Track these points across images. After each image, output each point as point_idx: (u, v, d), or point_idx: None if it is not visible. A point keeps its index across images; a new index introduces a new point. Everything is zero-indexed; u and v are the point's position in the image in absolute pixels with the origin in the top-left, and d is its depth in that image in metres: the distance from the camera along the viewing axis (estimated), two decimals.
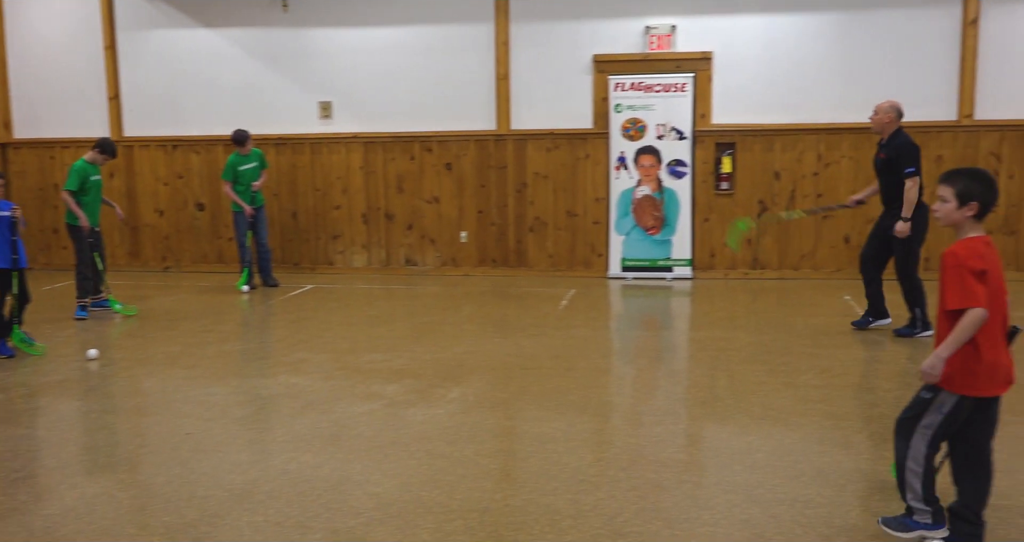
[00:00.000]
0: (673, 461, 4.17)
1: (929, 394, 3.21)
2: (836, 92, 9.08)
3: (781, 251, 9.30)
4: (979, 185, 3.17)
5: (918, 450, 3.21)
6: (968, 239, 3.18)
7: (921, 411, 3.22)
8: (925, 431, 3.19)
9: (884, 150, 6.61)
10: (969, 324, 3.06)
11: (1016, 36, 8.76)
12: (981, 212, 3.17)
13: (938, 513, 3.23)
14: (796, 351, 6.21)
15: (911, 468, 3.23)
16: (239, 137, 9.02)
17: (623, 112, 9.36)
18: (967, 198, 3.16)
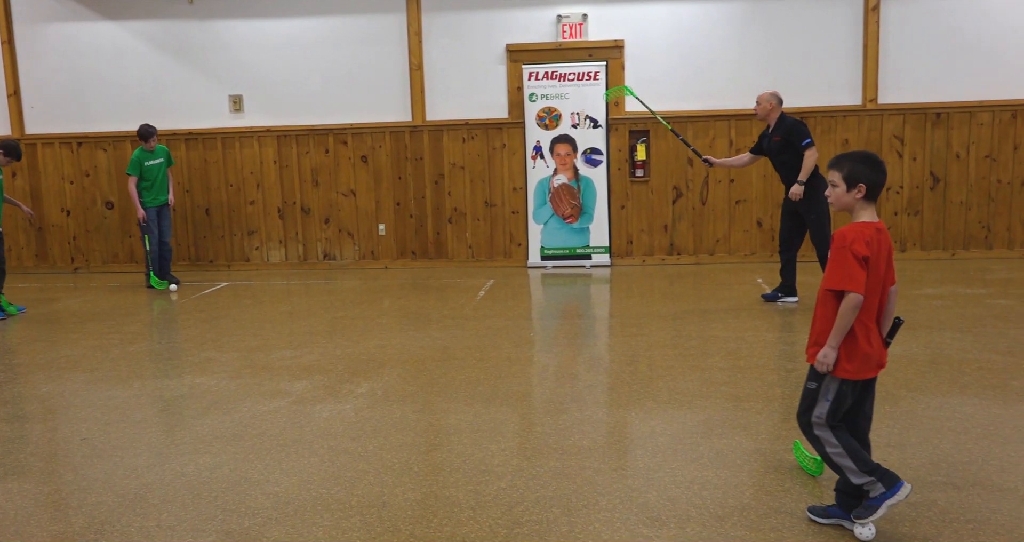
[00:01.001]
0: (576, 448, 4.20)
1: (814, 384, 3.25)
2: (745, 79, 9.23)
3: (696, 236, 9.43)
4: (865, 167, 3.20)
5: (827, 439, 3.23)
6: (860, 223, 3.21)
7: (812, 403, 3.26)
8: (819, 421, 3.23)
9: (776, 133, 7.03)
10: (848, 309, 3.11)
11: (916, 22, 9.00)
12: (869, 194, 3.21)
13: (886, 475, 3.18)
14: (706, 335, 6.30)
15: (834, 455, 3.23)
16: (145, 132, 8.80)
17: (538, 101, 9.37)
18: (854, 181, 3.20)
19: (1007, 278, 8.05)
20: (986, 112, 9.01)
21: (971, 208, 9.10)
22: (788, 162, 6.98)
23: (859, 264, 3.11)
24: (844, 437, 3.25)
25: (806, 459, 3.84)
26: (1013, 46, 8.89)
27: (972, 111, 9.02)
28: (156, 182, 8.94)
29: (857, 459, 3.21)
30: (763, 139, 7.20)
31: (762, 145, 7.22)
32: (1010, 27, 8.89)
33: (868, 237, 3.16)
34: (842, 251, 3.14)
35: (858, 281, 3.10)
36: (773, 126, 7.08)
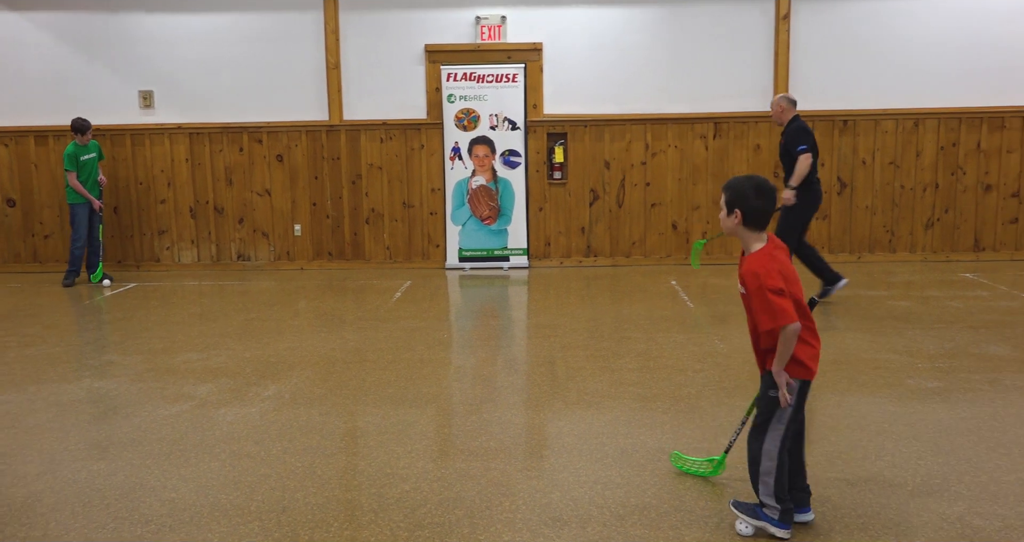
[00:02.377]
0: (483, 450, 4.19)
1: (775, 392, 3.22)
2: (661, 83, 9.36)
3: (613, 239, 9.53)
4: (743, 194, 3.18)
5: (772, 447, 3.23)
6: (756, 254, 3.19)
7: (774, 409, 3.24)
8: (778, 426, 3.22)
9: (783, 135, 7.29)
10: (788, 339, 3.11)
11: (825, 31, 9.25)
12: (748, 219, 3.18)
13: (787, 513, 3.25)
14: (619, 336, 6.36)
15: (765, 465, 3.24)
16: (80, 126, 8.71)
17: (456, 102, 9.35)
18: (732, 206, 3.20)
19: (908, 281, 8.33)
20: (890, 120, 9.31)
21: (876, 213, 9.39)
22: (788, 166, 7.14)
23: (781, 297, 3.09)
24: (783, 460, 3.25)
25: (694, 464, 3.82)
26: (915, 56, 9.21)
27: (877, 119, 9.31)
28: (90, 177, 8.92)
29: (779, 482, 3.24)
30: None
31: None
32: (913, 38, 9.20)
33: (768, 265, 3.13)
34: (760, 292, 3.12)
35: (788, 313, 3.08)
36: (784, 128, 7.32)
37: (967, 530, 3.31)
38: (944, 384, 5.08)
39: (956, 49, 9.18)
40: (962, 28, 9.16)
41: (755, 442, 3.28)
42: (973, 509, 3.47)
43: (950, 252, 9.38)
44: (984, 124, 9.23)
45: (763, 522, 3.28)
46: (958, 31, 9.17)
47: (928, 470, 3.85)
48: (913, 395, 4.90)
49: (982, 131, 9.24)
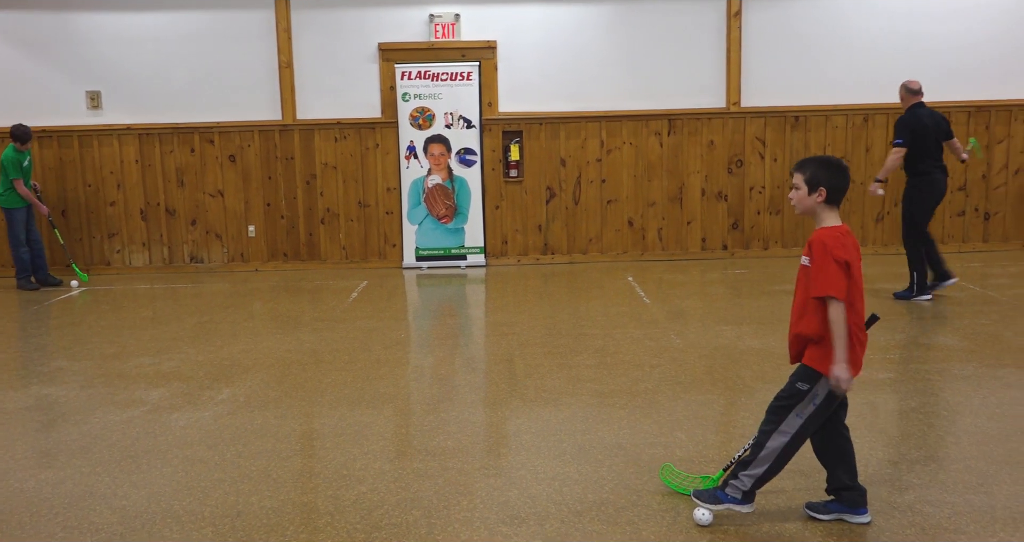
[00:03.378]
0: (441, 449, 4.17)
1: (805, 386, 3.19)
2: (615, 81, 9.40)
3: (570, 236, 9.55)
4: (826, 171, 3.21)
5: (785, 433, 3.20)
6: (831, 228, 3.19)
7: (795, 401, 3.21)
8: (797, 420, 3.20)
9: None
10: (837, 318, 3.08)
11: (776, 28, 9.36)
12: (831, 197, 3.21)
13: (750, 494, 3.28)
14: (576, 332, 6.38)
15: (768, 451, 3.23)
16: (23, 134, 8.59)
17: (411, 101, 9.30)
18: (815, 184, 3.20)
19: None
20: (840, 116, 9.45)
21: None
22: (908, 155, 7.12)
23: (841, 270, 3.09)
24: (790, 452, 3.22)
25: (683, 481, 3.66)
26: (865, 53, 9.35)
27: (828, 115, 9.45)
28: (26, 183, 8.81)
29: (769, 474, 3.25)
30: None
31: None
32: (861, 35, 9.34)
33: (843, 241, 3.15)
34: (824, 257, 3.10)
35: (840, 287, 3.08)
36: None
37: (916, 518, 3.36)
38: (895, 375, 5.16)
39: (904, 45, 9.33)
40: (909, 25, 9.32)
41: (767, 424, 3.26)
42: (923, 497, 3.53)
43: (900, 245, 9.51)
44: None
45: (726, 503, 3.31)
46: (906, 28, 9.32)
47: (880, 459, 3.91)
48: (866, 386, 4.97)
49: None
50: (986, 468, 3.79)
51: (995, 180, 9.48)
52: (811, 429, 3.23)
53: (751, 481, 3.27)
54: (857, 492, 3.32)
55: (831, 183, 3.20)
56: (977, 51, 9.32)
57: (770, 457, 3.23)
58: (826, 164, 3.24)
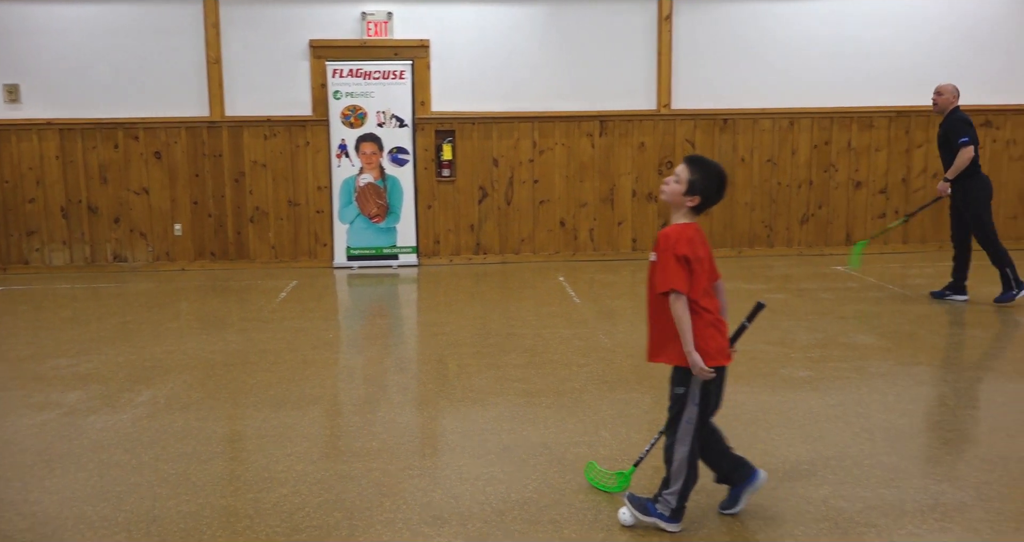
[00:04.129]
0: (365, 450, 4.14)
1: (682, 388, 3.25)
2: (548, 81, 9.44)
3: (502, 236, 9.56)
4: (713, 185, 3.21)
5: (683, 443, 3.25)
6: (679, 225, 3.25)
7: (680, 408, 3.26)
8: (688, 426, 3.24)
9: (941, 126, 7.12)
10: (679, 309, 3.16)
11: (705, 32, 9.51)
12: (699, 207, 3.24)
13: (678, 511, 3.29)
14: (506, 332, 6.39)
15: (677, 464, 3.26)
16: None
17: (342, 99, 9.22)
18: (695, 190, 3.21)
19: (785, 274, 8.65)
20: (767, 119, 9.64)
21: (755, 209, 9.71)
22: (945, 157, 7.06)
23: (681, 265, 3.17)
24: (696, 456, 3.27)
25: (602, 478, 3.71)
26: (791, 57, 9.55)
27: (755, 118, 9.63)
28: None
29: (688, 485, 3.27)
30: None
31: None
32: (789, 40, 9.54)
33: (690, 236, 3.21)
34: (666, 253, 3.19)
35: (681, 280, 3.15)
36: (944, 118, 7.10)
37: (830, 512, 3.45)
38: (814, 373, 5.29)
39: (829, 51, 9.56)
40: (834, 31, 9.55)
41: (667, 439, 3.31)
42: (837, 492, 3.62)
43: (824, 246, 9.78)
44: (854, 123, 9.66)
45: (653, 518, 3.30)
46: (831, 34, 9.55)
47: (797, 456, 4.00)
48: (786, 384, 5.08)
49: (852, 130, 9.66)
50: (897, 463, 3.91)
51: (914, 183, 9.77)
52: (702, 427, 3.28)
53: (675, 497, 3.27)
54: (743, 465, 3.41)
55: (707, 196, 3.23)
56: (899, 58, 9.60)
57: (681, 468, 3.25)
58: (716, 178, 3.22)
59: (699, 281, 3.23)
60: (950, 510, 3.46)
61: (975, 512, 3.44)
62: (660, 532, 3.30)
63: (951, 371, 5.30)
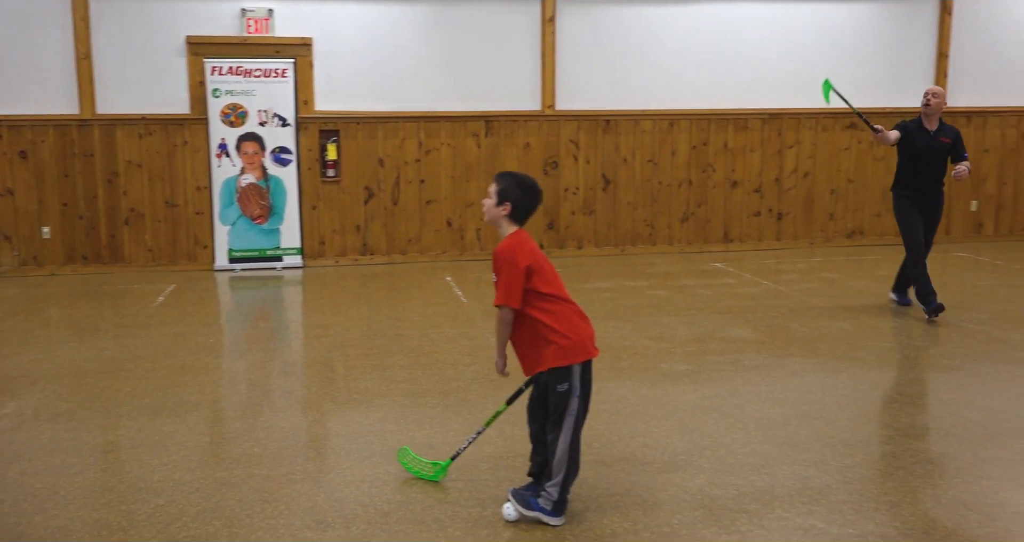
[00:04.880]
0: (246, 456, 4.06)
1: (564, 385, 3.32)
2: (433, 81, 9.43)
3: (389, 236, 9.50)
4: (519, 190, 3.41)
5: (566, 436, 3.32)
6: (510, 237, 3.40)
7: (565, 404, 3.33)
8: (570, 418, 3.32)
9: (944, 134, 6.71)
10: (501, 322, 3.36)
11: (588, 34, 9.67)
12: (514, 214, 3.40)
13: (560, 504, 3.35)
14: (392, 333, 6.36)
15: (559, 456, 3.32)
16: None
17: (222, 97, 8.98)
18: (504, 198, 3.40)
19: (666, 271, 8.89)
20: (648, 120, 9.89)
21: (637, 208, 9.94)
22: (941, 169, 6.72)
23: (520, 277, 3.29)
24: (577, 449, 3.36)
25: (417, 464, 3.77)
26: (670, 60, 9.82)
27: (636, 119, 9.86)
28: None
29: (570, 477, 3.35)
30: (916, 134, 6.69)
31: (913, 141, 6.68)
32: (669, 43, 9.80)
33: (524, 244, 3.36)
34: (504, 269, 3.31)
35: (515, 296, 3.30)
36: (938, 126, 6.70)
37: (706, 500, 3.58)
38: (693, 367, 5.46)
39: (706, 55, 9.87)
40: (711, 36, 9.87)
41: (551, 433, 3.37)
42: (712, 481, 3.76)
43: (703, 244, 10.10)
44: (730, 125, 10.01)
45: (535, 512, 3.36)
46: (708, 39, 9.87)
47: (675, 448, 4.13)
48: (665, 378, 5.23)
49: (728, 131, 10.01)
50: (769, 451, 4.08)
51: (786, 183, 10.20)
52: (581, 419, 3.38)
53: (557, 490, 3.34)
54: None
55: (517, 202, 3.40)
56: (772, 63, 9.99)
57: (563, 460, 3.33)
58: (520, 184, 3.43)
59: (551, 279, 3.37)
60: (816, 493, 3.63)
61: (839, 494, 3.63)
62: (543, 526, 3.35)
63: (819, 362, 5.56)
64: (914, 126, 6.74)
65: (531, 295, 3.33)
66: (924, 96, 6.70)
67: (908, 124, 6.79)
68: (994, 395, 4.87)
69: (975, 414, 4.56)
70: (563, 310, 3.37)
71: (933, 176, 6.75)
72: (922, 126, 6.73)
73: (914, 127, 6.73)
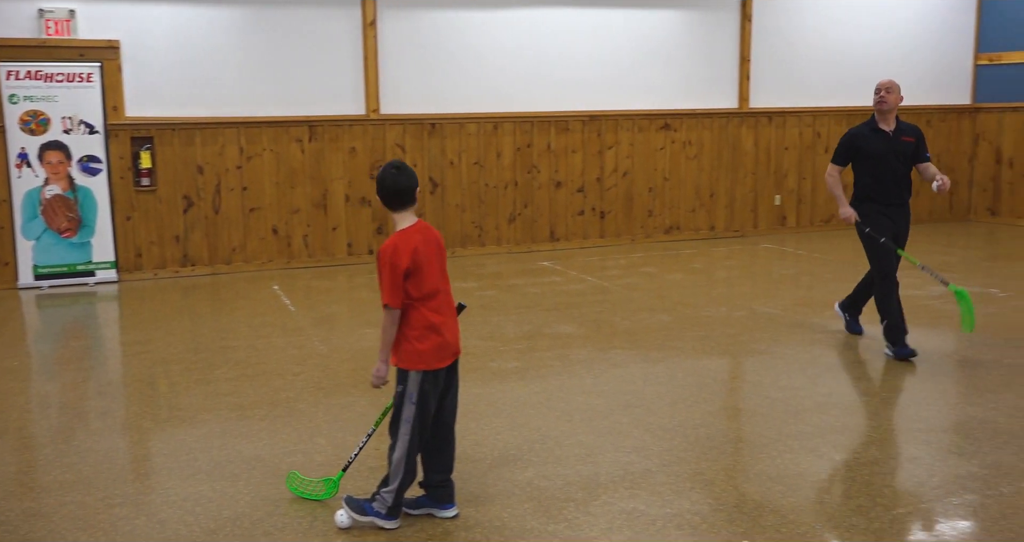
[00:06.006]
0: (57, 484, 3.83)
1: (400, 387, 3.33)
2: (253, 86, 9.19)
3: (211, 246, 9.18)
4: (379, 182, 3.38)
5: (403, 442, 3.30)
6: (399, 233, 3.33)
7: (401, 408, 3.32)
8: (407, 425, 3.29)
9: (903, 134, 5.64)
10: (388, 324, 3.29)
11: (410, 38, 9.67)
12: (390, 205, 3.36)
13: (395, 508, 3.34)
14: (217, 346, 6.17)
15: (396, 461, 3.30)
16: None
17: (20, 103, 8.40)
18: (378, 192, 3.40)
19: (496, 271, 9.04)
20: (473, 123, 10.02)
21: (466, 210, 10.06)
22: (905, 175, 5.67)
23: (398, 277, 3.25)
24: (413, 455, 3.34)
25: (307, 486, 3.69)
26: (492, 64, 9.98)
27: (461, 122, 9.97)
28: None
29: (404, 484, 3.32)
30: (871, 139, 5.62)
31: (869, 146, 5.62)
32: (488, 47, 9.95)
33: (413, 245, 3.28)
34: (383, 268, 3.27)
35: (395, 296, 3.26)
36: (895, 125, 5.64)
37: (534, 492, 3.68)
38: (521, 364, 5.59)
39: (526, 59, 10.10)
40: (530, 41, 10.10)
41: (391, 438, 3.36)
42: (540, 473, 3.87)
43: (531, 243, 10.33)
44: (552, 127, 10.28)
45: (370, 517, 3.36)
46: (528, 44, 10.09)
47: (505, 443, 4.23)
48: (495, 376, 5.34)
49: (551, 133, 10.28)
50: (593, 441, 4.25)
51: (607, 182, 10.58)
52: (421, 427, 3.34)
53: (391, 496, 3.33)
54: (446, 489, 3.48)
55: (384, 191, 3.37)
56: (590, 66, 10.34)
57: (399, 466, 3.32)
58: (380, 177, 3.40)
59: (426, 281, 3.32)
60: (638, 478, 3.82)
61: (658, 477, 3.82)
62: (377, 531, 3.36)
63: (640, 353, 5.82)
64: (867, 129, 5.67)
65: (406, 294, 3.30)
66: (876, 92, 5.62)
67: (857, 130, 5.73)
68: (795, 374, 5.26)
69: (779, 393, 4.91)
70: (425, 317, 3.32)
71: (898, 185, 5.64)
72: (877, 128, 5.64)
73: (867, 131, 5.67)
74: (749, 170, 11.14)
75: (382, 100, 9.69)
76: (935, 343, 5.93)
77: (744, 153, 11.10)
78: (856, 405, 4.74)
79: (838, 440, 4.23)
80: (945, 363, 5.53)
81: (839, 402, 4.76)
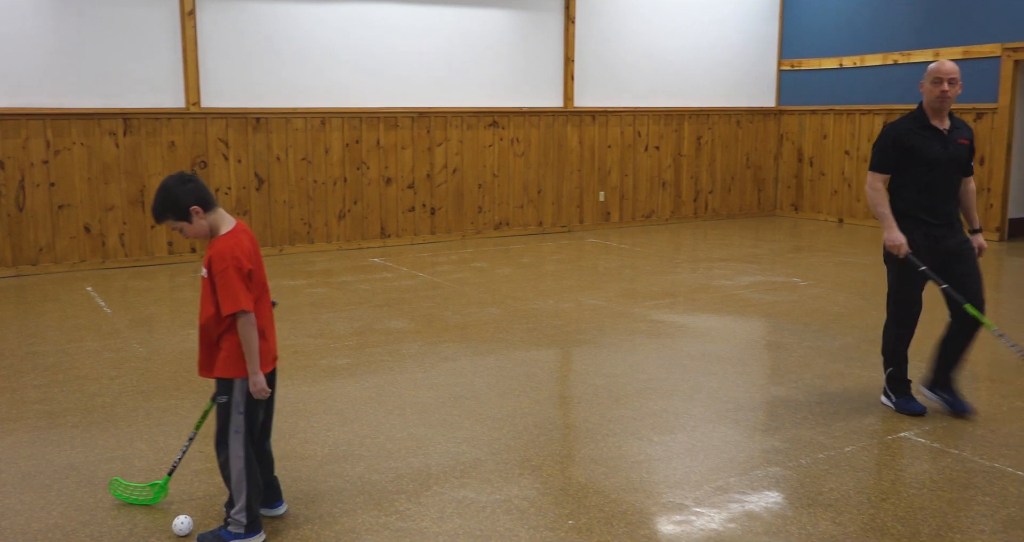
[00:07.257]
0: None
1: (224, 397, 3.16)
2: (62, 77, 8.64)
3: (15, 246, 8.57)
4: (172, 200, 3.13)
5: (236, 456, 3.15)
6: (226, 236, 3.15)
7: (227, 420, 3.16)
8: (236, 435, 3.15)
9: (959, 134, 4.43)
10: (249, 330, 3.09)
11: (231, 30, 9.38)
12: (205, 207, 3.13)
13: (252, 523, 3.19)
14: (23, 352, 5.78)
15: (235, 477, 3.15)
16: None
17: None
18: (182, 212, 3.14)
19: (326, 269, 8.92)
20: (300, 118, 9.83)
21: (294, 206, 9.86)
22: (954, 185, 4.44)
23: (243, 280, 3.10)
24: (252, 468, 3.19)
25: (132, 491, 3.54)
26: (317, 59, 9.81)
27: (288, 117, 9.76)
28: None
29: (252, 495, 3.18)
30: (927, 139, 4.35)
31: (927, 149, 4.34)
32: (312, 41, 9.78)
33: (245, 247, 3.15)
34: (227, 272, 3.07)
35: (247, 300, 3.09)
36: (950, 123, 4.41)
37: (365, 486, 3.69)
38: (352, 360, 5.56)
39: (354, 54, 10.00)
40: (358, 36, 10.00)
41: (220, 455, 3.21)
42: (371, 467, 3.89)
43: (361, 240, 10.26)
44: (381, 123, 10.24)
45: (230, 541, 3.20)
46: (354, 38, 9.99)
47: (335, 439, 4.21)
48: (325, 374, 5.29)
49: (380, 129, 10.24)
50: (424, 433, 4.29)
51: (437, 178, 10.65)
52: (251, 437, 3.23)
53: (244, 514, 3.19)
54: (272, 488, 3.43)
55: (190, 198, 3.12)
56: (418, 63, 10.35)
57: (241, 481, 3.18)
58: (165, 198, 3.14)
59: (256, 285, 3.21)
60: (468, 467, 3.89)
61: (488, 465, 3.92)
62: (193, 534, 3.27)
63: (471, 346, 5.91)
64: (916, 126, 4.39)
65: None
66: (935, 82, 4.30)
67: (904, 126, 4.41)
68: (617, 362, 5.50)
69: (602, 381, 5.13)
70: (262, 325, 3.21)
71: (950, 198, 4.44)
72: (928, 124, 4.39)
73: (916, 128, 4.39)
74: (574, 167, 11.50)
75: (203, 93, 9.35)
76: (744, 330, 6.36)
77: (569, 151, 11.44)
78: (673, 390, 5.01)
79: (656, 422, 4.46)
80: (753, 348, 5.93)
81: (658, 388, 5.02)
